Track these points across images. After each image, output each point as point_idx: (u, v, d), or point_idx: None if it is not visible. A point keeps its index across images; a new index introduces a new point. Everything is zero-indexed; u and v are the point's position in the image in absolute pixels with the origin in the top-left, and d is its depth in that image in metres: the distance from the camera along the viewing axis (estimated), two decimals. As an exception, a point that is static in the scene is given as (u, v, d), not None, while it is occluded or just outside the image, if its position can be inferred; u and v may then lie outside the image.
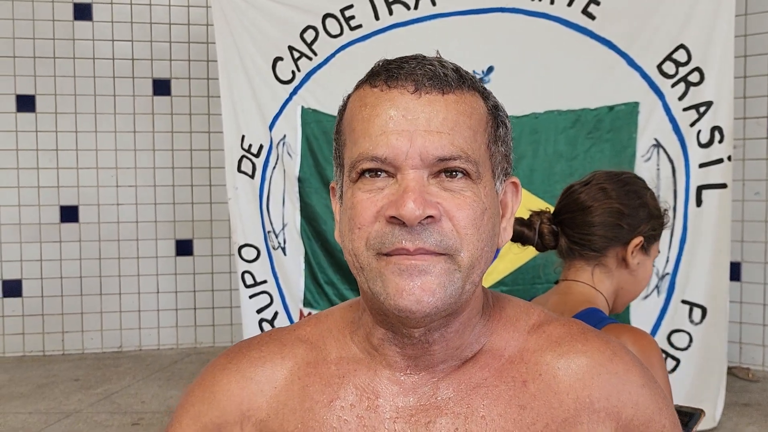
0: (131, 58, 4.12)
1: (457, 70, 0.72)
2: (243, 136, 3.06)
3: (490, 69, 2.87)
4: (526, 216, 1.45)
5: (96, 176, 4.11)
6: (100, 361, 3.96)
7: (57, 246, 4.11)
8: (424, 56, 0.72)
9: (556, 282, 1.44)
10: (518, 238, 1.42)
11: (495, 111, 0.75)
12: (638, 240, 1.37)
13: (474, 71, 2.83)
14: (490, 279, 2.82)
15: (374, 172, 0.69)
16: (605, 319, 1.27)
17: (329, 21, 2.99)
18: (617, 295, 1.41)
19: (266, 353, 0.81)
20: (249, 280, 3.11)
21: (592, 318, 1.27)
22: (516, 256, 2.84)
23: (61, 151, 4.08)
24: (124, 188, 4.15)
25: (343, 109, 0.76)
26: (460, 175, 0.69)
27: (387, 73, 0.70)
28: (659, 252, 1.45)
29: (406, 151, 0.67)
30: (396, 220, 0.66)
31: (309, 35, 3.01)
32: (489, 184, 0.72)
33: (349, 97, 0.76)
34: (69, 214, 4.11)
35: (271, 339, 0.82)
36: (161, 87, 4.16)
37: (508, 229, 0.78)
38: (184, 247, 4.23)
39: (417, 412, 0.73)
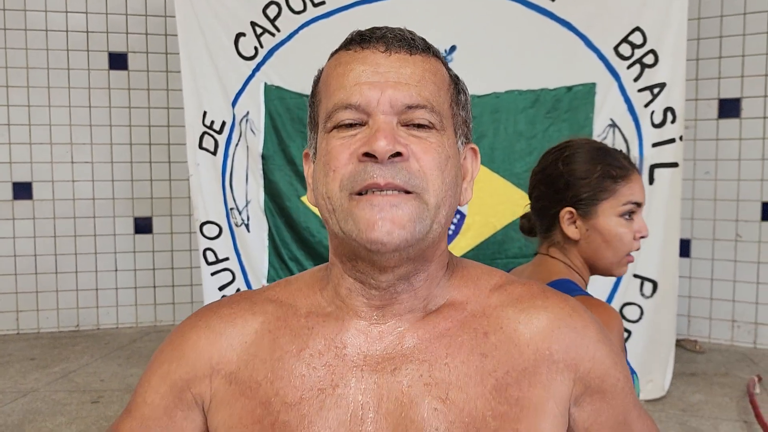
0: (86, 31, 4.00)
1: (423, 39, 0.80)
2: (205, 113, 3.02)
3: (453, 48, 2.89)
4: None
5: (50, 152, 4.01)
6: (56, 340, 3.90)
7: (10, 223, 4.00)
8: (394, 27, 0.79)
9: (535, 254, 1.49)
10: (529, 231, 1.51)
11: (456, 79, 0.83)
12: (565, 212, 1.35)
13: (436, 50, 2.84)
14: (451, 255, 2.86)
15: (347, 125, 0.74)
16: (575, 290, 1.29)
17: (292, -4, 2.96)
18: (591, 262, 1.39)
19: (237, 310, 0.83)
20: (211, 258, 3.09)
21: (563, 288, 1.28)
22: (477, 233, 2.89)
23: (13, 126, 3.96)
24: (79, 164, 4.05)
25: (318, 78, 0.82)
26: (426, 124, 0.75)
27: (360, 37, 0.78)
28: (633, 204, 1.35)
29: (377, 98, 0.73)
30: (368, 157, 0.71)
31: (272, 11, 2.98)
32: (452, 138, 0.78)
33: (323, 68, 0.82)
34: (22, 190, 4.00)
35: (242, 298, 0.86)
36: (117, 61, 4.06)
37: (468, 190, 0.83)
38: (143, 225, 4.17)
39: (383, 360, 0.76)
